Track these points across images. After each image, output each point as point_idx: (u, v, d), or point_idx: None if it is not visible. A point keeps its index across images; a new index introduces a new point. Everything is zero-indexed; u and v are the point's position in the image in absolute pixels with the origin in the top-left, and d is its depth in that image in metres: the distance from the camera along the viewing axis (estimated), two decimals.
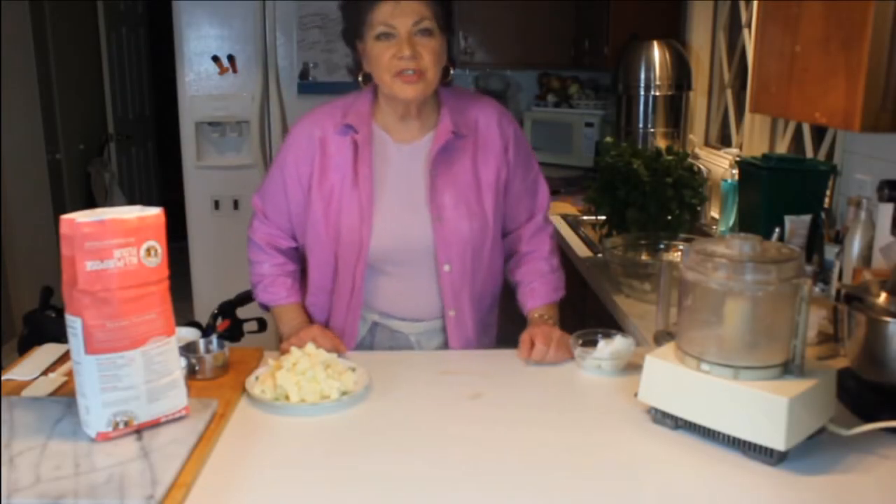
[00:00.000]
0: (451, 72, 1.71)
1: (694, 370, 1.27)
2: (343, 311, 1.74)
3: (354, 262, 1.69)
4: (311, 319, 1.80)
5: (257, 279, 1.81)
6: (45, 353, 1.62)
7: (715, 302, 1.25)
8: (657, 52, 3.42)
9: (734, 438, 1.24)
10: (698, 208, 2.84)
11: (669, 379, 1.31)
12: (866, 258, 1.83)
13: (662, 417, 1.33)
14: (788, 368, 1.25)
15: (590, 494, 1.15)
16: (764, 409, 1.19)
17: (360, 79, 1.71)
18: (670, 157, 2.78)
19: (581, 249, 2.72)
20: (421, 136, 1.71)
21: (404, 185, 1.70)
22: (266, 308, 1.84)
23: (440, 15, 1.61)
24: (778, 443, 1.18)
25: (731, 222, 2.68)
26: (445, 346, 1.77)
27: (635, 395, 1.37)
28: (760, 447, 1.21)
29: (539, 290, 1.80)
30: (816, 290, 1.96)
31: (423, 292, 1.73)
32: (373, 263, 1.70)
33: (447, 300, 1.73)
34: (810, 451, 1.24)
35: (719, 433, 1.25)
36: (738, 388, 1.23)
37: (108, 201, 4.98)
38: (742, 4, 3.07)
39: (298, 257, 1.84)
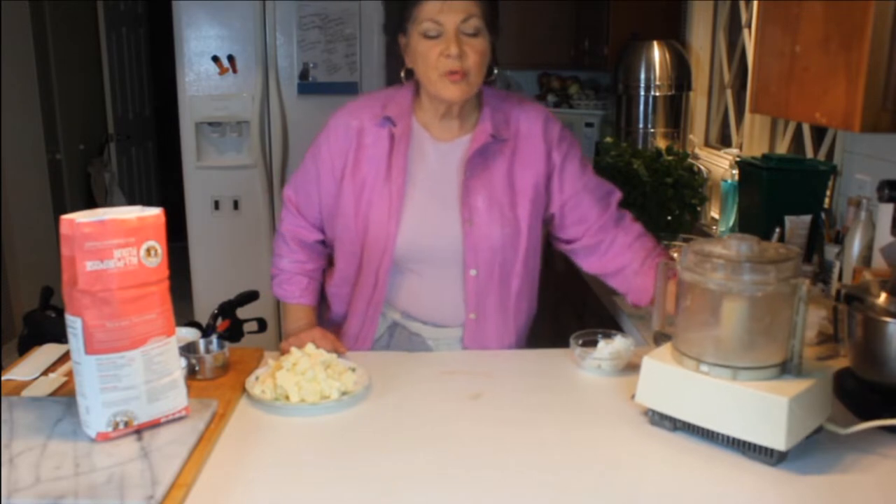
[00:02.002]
0: (495, 71, 1.66)
1: (693, 371, 1.27)
2: (364, 305, 1.71)
3: (380, 257, 1.65)
4: (318, 321, 1.79)
5: (275, 272, 1.80)
6: (45, 353, 1.61)
7: (713, 303, 1.25)
8: (657, 52, 3.42)
9: (733, 439, 1.24)
10: (698, 208, 2.84)
11: (667, 380, 1.31)
12: (866, 258, 1.83)
13: (660, 419, 1.33)
14: (787, 368, 1.25)
15: (590, 494, 1.15)
16: (764, 409, 1.19)
17: (402, 74, 1.67)
18: (670, 158, 2.78)
19: None
20: (459, 136, 1.68)
21: (437, 184, 1.66)
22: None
23: (488, 14, 1.57)
24: (778, 443, 1.18)
25: (731, 222, 2.68)
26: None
27: (632, 396, 1.37)
28: (760, 447, 1.21)
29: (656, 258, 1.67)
30: (816, 290, 1.96)
31: (447, 295, 1.69)
32: (398, 261, 1.66)
33: (469, 304, 1.68)
34: (808, 450, 1.24)
35: (718, 434, 1.25)
36: (738, 388, 1.23)
37: (108, 201, 4.98)
38: (742, 4, 3.07)
39: (324, 253, 1.81)
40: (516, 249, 1.68)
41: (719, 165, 3.10)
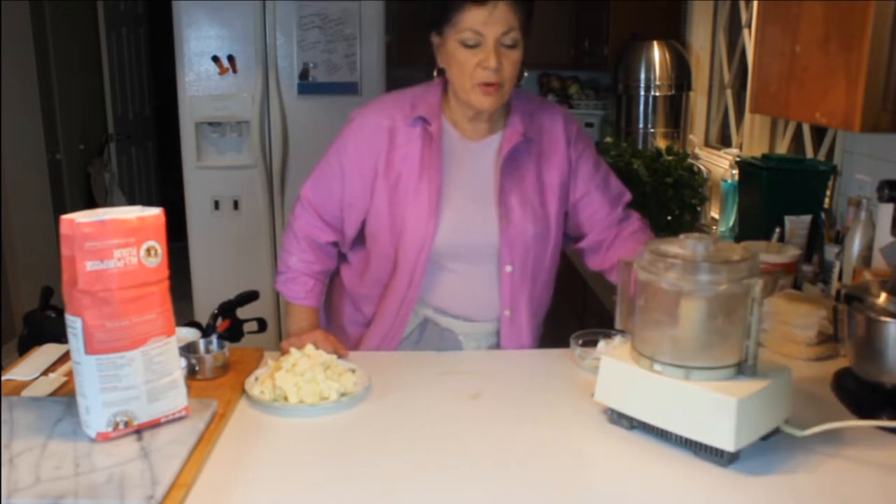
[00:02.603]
0: (525, 74, 1.66)
1: (647, 370, 1.27)
2: (396, 304, 1.70)
3: (416, 256, 1.65)
4: (340, 322, 1.79)
5: (282, 268, 1.78)
6: (45, 353, 1.62)
7: (667, 302, 1.25)
8: (657, 52, 3.42)
9: (686, 439, 1.23)
10: (698, 208, 2.85)
11: (624, 379, 1.30)
12: (866, 258, 1.83)
13: (618, 418, 1.32)
14: (742, 369, 1.24)
15: (589, 494, 1.15)
16: (714, 409, 1.19)
17: (434, 73, 1.67)
18: (670, 158, 2.78)
19: None
20: (489, 135, 1.69)
21: (472, 183, 1.67)
22: None
23: (526, 24, 1.58)
24: (727, 444, 1.17)
25: (731, 222, 2.68)
26: (497, 349, 1.74)
27: (592, 395, 1.37)
28: (711, 448, 1.20)
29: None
30: (816, 289, 1.96)
31: (481, 291, 1.70)
32: (434, 259, 1.66)
33: (504, 301, 1.69)
34: (764, 451, 1.24)
35: (671, 434, 1.24)
36: (689, 388, 1.22)
37: (108, 201, 4.98)
38: (742, 4, 3.07)
39: (334, 255, 1.80)
40: (546, 245, 1.71)
41: (719, 165, 3.10)
